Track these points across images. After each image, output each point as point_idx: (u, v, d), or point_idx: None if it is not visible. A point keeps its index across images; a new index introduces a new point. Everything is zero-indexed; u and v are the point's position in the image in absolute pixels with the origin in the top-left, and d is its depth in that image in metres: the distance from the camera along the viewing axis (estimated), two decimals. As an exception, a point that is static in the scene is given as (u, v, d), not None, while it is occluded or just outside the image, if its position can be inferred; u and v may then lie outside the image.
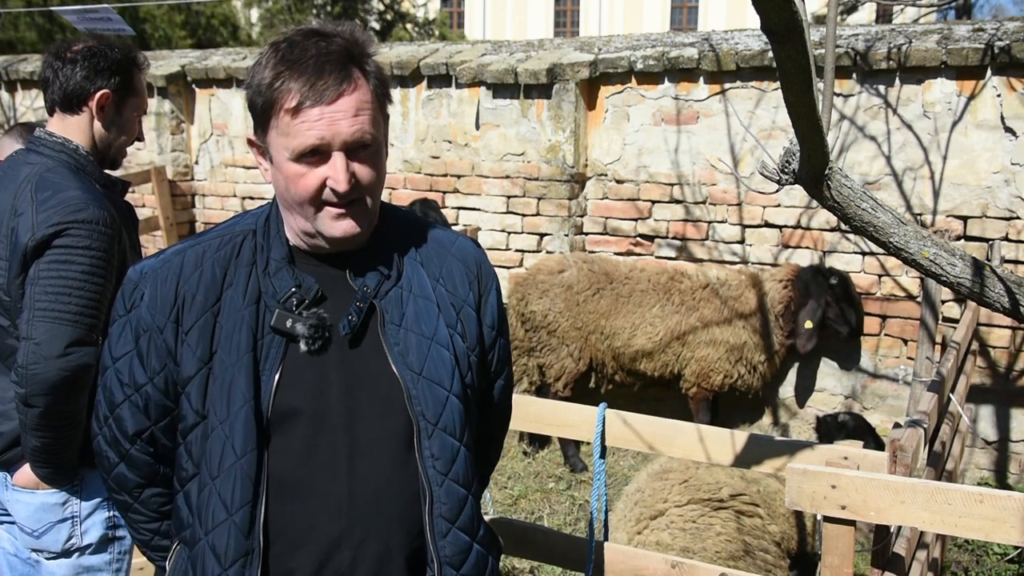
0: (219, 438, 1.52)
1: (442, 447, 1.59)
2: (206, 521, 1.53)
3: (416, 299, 1.63)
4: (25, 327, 2.11)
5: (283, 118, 1.49)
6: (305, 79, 1.48)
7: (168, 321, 1.57)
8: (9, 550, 2.41)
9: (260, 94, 1.51)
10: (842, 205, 1.89)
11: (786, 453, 2.57)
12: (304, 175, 1.51)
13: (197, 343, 1.56)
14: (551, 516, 4.90)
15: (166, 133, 7.51)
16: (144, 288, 1.59)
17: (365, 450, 1.56)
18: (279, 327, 1.55)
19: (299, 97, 1.47)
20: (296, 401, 1.55)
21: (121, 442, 1.63)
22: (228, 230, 1.65)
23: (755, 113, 5.52)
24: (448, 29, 25.28)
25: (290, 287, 1.57)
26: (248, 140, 1.61)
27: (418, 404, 1.58)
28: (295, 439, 1.54)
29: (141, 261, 1.66)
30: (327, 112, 1.48)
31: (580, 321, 5.34)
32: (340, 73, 1.49)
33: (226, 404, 1.52)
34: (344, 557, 1.54)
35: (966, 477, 5.24)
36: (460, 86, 6.30)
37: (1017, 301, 1.96)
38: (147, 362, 1.58)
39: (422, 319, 1.62)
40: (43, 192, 2.19)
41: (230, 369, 1.53)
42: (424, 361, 1.60)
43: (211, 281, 1.58)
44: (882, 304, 5.36)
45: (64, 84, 2.33)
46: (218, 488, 1.52)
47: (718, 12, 30.53)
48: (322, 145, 1.49)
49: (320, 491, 1.54)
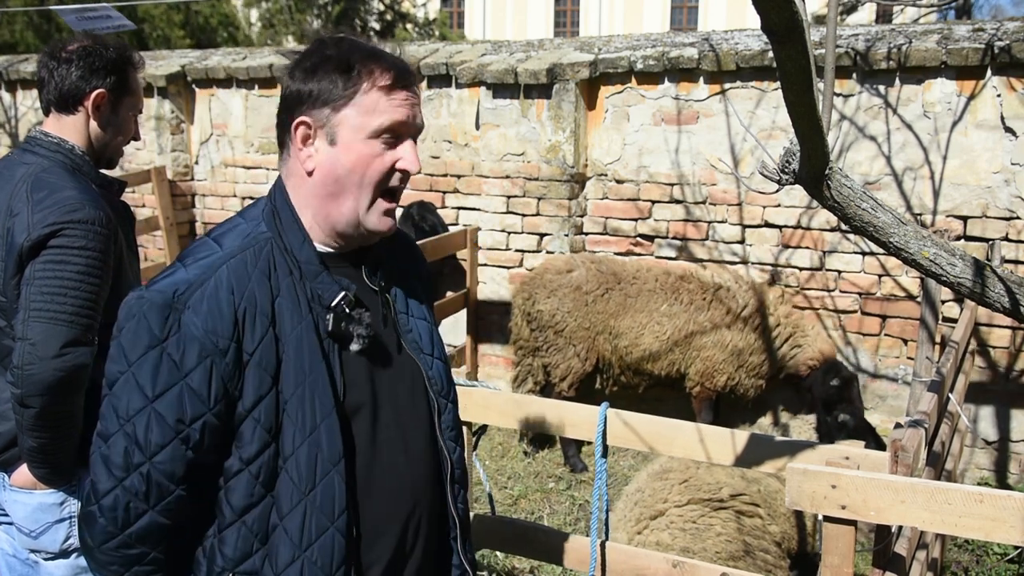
0: (307, 451, 1.50)
1: (453, 420, 1.77)
2: (303, 539, 1.50)
3: (407, 287, 1.76)
4: (21, 327, 2.10)
5: (372, 94, 1.54)
6: (393, 63, 1.57)
7: (231, 343, 1.47)
8: (8, 551, 2.40)
9: (344, 72, 1.54)
10: (842, 205, 1.89)
11: (786, 453, 2.57)
12: (379, 156, 1.56)
13: (265, 361, 1.49)
14: (551, 516, 4.90)
15: (166, 133, 7.51)
16: (181, 311, 1.46)
17: (411, 435, 1.68)
18: (337, 331, 1.57)
19: (393, 76, 1.55)
20: (359, 400, 1.61)
21: (163, 487, 1.47)
22: (252, 238, 1.57)
23: (755, 113, 5.52)
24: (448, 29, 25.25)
25: (337, 292, 1.58)
26: (298, 122, 1.56)
27: (434, 384, 1.72)
28: (363, 436, 1.61)
29: (154, 283, 1.51)
30: (411, 96, 1.58)
31: (588, 321, 5.35)
32: (411, 68, 1.61)
33: (310, 416, 1.51)
34: (409, 537, 1.66)
35: (966, 477, 5.24)
36: (460, 86, 6.30)
37: (1017, 301, 1.96)
38: (208, 391, 1.46)
39: (417, 303, 1.77)
40: (39, 192, 2.19)
41: (308, 381, 1.52)
42: (432, 342, 1.75)
43: (262, 294, 1.52)
44: (882, 304, 5.36)
45: (60, 84, 2.33)
46: (317, 501, 1.51)
47: (718, 12, 30.52)
48: (404, 125, 1.57)
49: (388, 480, 1.63)
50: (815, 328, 5.40)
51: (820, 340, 5.30)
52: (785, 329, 5.30)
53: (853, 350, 5.48)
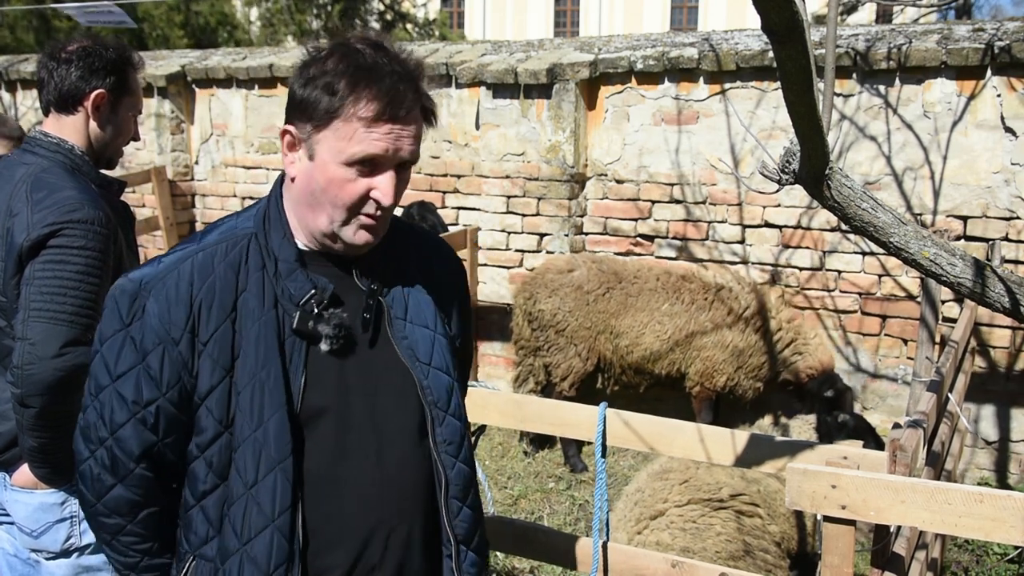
0: (252, 446, 1.52)
1: (452, 432, 1.66)
2: (243, 531, 1.52)
3: (413, 293, 1.70)
4: (21, 327, 2.11)
5: (352, 123, 1.50)
6: (384, 92, 1.49)
7: (184, 332, 1.53)
8: (9, 551, 2.41)
9: (329, 93, 1.50)
10: (842, 205, 1.89)
11: (786, 453, 2.57)
12: (352, 181, 1.53)
13: (218, 352, 1.54)
14: (551, 516, 4.90)
15: (166, 133, 7.51)
16: (146, 299, 1.54)
17: (389, 443, 1.62)
18: (302, 329, 1.56)
19: (378, 109, 1.49)
20: (322, 401, 1.58)
21: (123, 463, 1.57)
22: (229, 233, 1.63)
23: (755, 113, 5.52)
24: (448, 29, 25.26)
25: (308, 290, 1.58)
26: (283, 129, 1.58)
27: (430, 394, 1.65)
28: (325, 439, 1.57)
29: (134, 271, 1.61)
30: (396, 129, 1.51)
31: (589, 321, 5.35)
32: (414, 96, 1.53)
33: (258, 411, 1.52)
34: (375, 550, 1.59)
35: (966, 477, 5.24)
36: (460, 86, 6.30)
37: (1018, 301, 1.96)
38: (161, 376, 1.53)
39: (421, 311, 1.69)
40: (38, 192, 2.19)
41: (258, 376, 1.53)
42: (431, 352, 1.67)
43: (225, 287, 1.56)
44: (882, 304, 5.36)
45: (59, 84, 2.33)
46: (257, 497, 1.52)
47: (718, 12, 30.53)
48: (381, 157, 1.52)
49: (352, 488, 1.58)
50: (817, 337, 5.41)
51: (821, 350, 5.33)
52: (787, 334, 5.31)
53: (853, 350, 5.48)
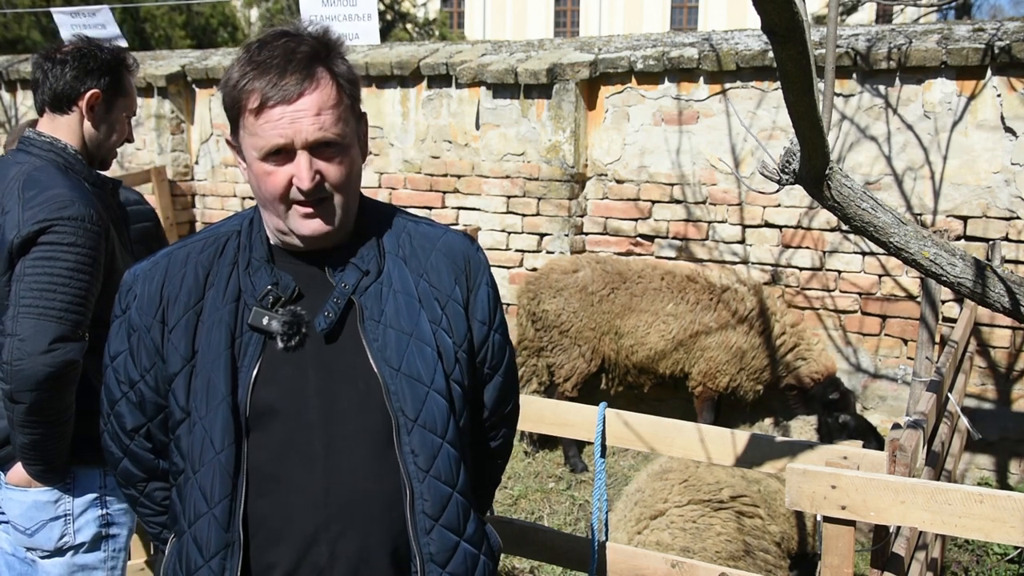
0: (200, 433, 1.56)
1: (422, 443, 1.58)
2: (189, 514, 1.57)
3: (397, 295, 1.63)
4: (10, 323, 2.11)
5: (248, 118, 1.52)
6: (268, 79, 1.50)
7: (154, 320, 1.62)
8: (7, 550, 2.40)
9: (228, 95, 1.54)
10: (842, 205, 1.89)
11: (786, 453, 2.57)
12: (272, 173, 1.54)
13: (180, 341, 1.61)
14: (551, 516, 4.90)
15: (166, 133, 7.51)
16: (136, 289, 1.65)
17: (342, 446, 1.57)
18: (256, 324, 1.58)
19: (261, 97, 1.50)
20: (273, 397, 1.57)
21: (121, 437, 1.69)
22: (214, 231, 1.70)
23: (755, 113, 5.52)
24: (448, 29, 25.27)
25: (267, 284, 1.60)
26: (227, 141, 1.64)
27: (397, 400, 1.58)
28: (272, 434, 1.57)
29: (137, 263, 1.71)
30: (288, 111, 1.50)
31: (594, 321, 5.35)
32: (303, 72, 1.51)
33: (205, 400, 1.57)
34: (321, 552, 1.56)
35: (966, 477, 5.24)
36: (460, 86, 6.30)
37: (1018, 301, 1.96)
38: (138, 360, 1.64)
39: (403, 315, 1.62)
40: (29, 190, 2.20)
41: (209, 366, 1.57)
42: (403, 357, 1.59)
43: (193, 281, 1.63)
44: (882, 304, 5.36)
45: (54, 84, 2.34)
46: (199, 482, 1.56)
47: (718, 12, 30.53)
48: (286, 144, 1.52)
49: (296, 486, 1.56)
50: (820, 343, 5.42)
51: (824, 355, 5.34)
52: (790, 339, 5.31)
53: (853, 350, 5.48)
